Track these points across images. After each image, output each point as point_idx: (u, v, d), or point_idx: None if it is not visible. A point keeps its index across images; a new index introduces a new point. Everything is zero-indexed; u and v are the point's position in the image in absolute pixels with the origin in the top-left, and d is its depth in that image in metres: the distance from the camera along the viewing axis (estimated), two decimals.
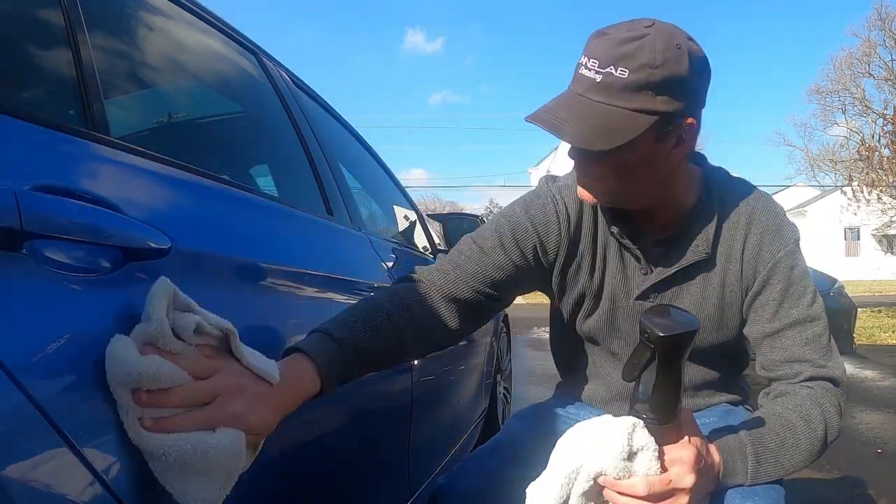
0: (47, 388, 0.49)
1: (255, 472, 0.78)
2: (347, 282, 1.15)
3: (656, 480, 0.67)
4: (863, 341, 6.59)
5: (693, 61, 0.75)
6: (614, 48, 0.73)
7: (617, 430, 0.65)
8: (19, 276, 0.50)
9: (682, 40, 0.75)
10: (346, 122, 1.88)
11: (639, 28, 0.75)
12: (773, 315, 0.85)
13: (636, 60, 0.72)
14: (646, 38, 0.73)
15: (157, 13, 0.99)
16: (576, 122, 0.75)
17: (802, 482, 2.49)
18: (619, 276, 0.90)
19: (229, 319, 0.76)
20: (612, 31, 0.76)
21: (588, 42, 0.77)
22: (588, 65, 0.75)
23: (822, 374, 0.84)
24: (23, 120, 0.58)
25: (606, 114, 0.74)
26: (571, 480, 0.67)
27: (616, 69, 0.73)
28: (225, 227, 0.83)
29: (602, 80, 0.74)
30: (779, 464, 0.79)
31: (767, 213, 0.87)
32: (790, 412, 0.81)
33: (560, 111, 0.76)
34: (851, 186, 10.52)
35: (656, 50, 0.72)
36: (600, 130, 0.74)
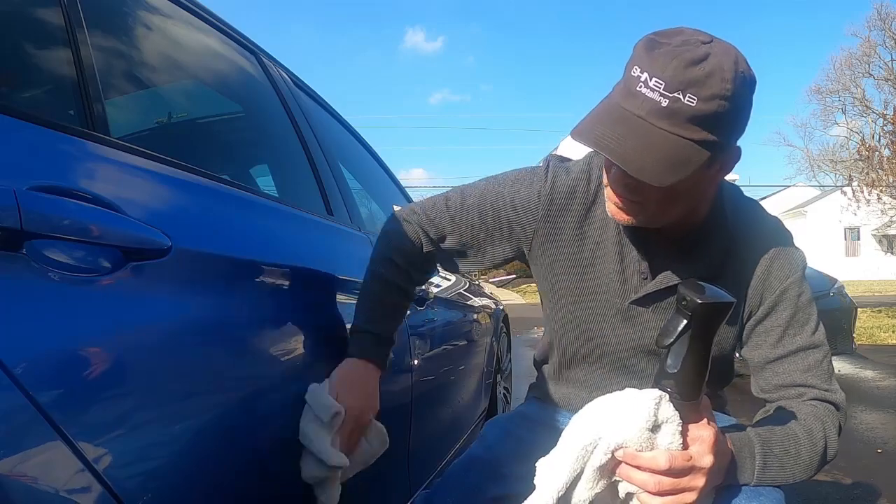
0: (47, 388, 0.49)
1: (256, 472, 0.78)
2: (347, 282, 1.15)
3: (678, 455, 0.66)
4: (863, 341, 6.58)
5: (751, 89, 0.72)
6: (682, 71, 0.67)
7: (644, 400, 0.65)
8: (19, 276, 0.51)
9: (744, 65, 0.71)
10: (346, 122, 1.88)
11: (698, 45, 0.69)
12: (778, 341, 0.84)
13: (708, 89, 0.67)
14: (713, 61, 0.68)
15: (157, 13, 0.99)
16: (641, 152, 0.69)
17: (803, 482, 2.49)
18: (616, 277, 0.87)
19: (229, 319, 0.76)
20: (669, 43, 0.69)
21: (643, 53, 0.70)
22: (651, 84, 0.68)
23: (825, 398, 0.83)
24: (23, 120, 0.58)
25: (671, 144, 0.69)
26: (588, 453, 0.65)
27: (685, 96, 0.67)
28: (225, 227, 0.83)
29: (668, 105, 0.68)
30: (782, 470, 0.79)
31: (777, 239, 0.86)
32: (794, 424, 0.80)
33: (622, 137, 0.70)
34: (851, 186, 10.52)
35: (726, 79, 0.68)
36: (666, 163, 0.69)
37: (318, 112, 1.59)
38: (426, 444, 1.55)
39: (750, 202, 0.89)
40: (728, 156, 0.75)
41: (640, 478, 0.66)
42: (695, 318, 0.63)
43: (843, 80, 22.20)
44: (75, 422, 0.51)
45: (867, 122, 19.90)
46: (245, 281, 0.82)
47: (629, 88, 0.71)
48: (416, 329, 1.42)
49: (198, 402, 0.68)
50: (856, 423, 3.41)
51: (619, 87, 0.73)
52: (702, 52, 0.68)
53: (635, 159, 0.69)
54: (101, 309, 0.58)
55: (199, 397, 0.68)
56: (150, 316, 0.64)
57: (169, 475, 0.62)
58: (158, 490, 0.60)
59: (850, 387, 4.50)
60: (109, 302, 0.58)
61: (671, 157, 0.69)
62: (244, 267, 0.83)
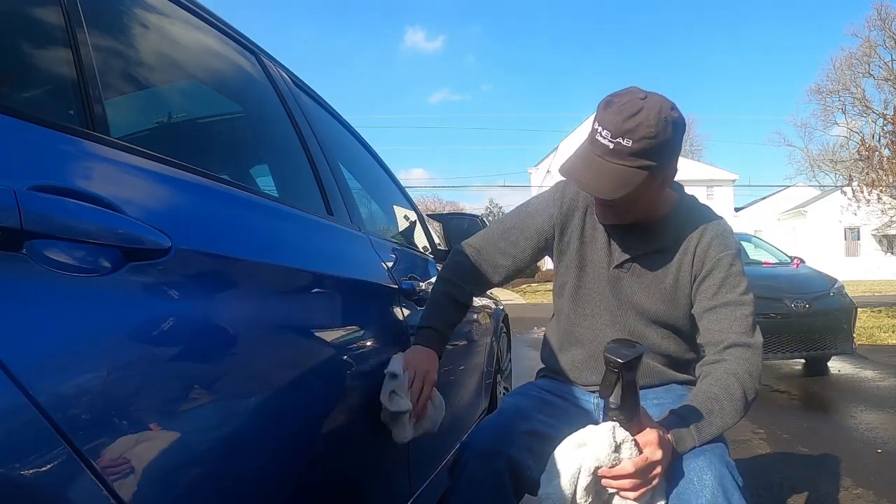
0: (47, 388, 0.49)
1: (256, 472, 0.78)
2: (347, 281, 1.15)
3: (639, 460, 0.91)
4: (863, 341, 6.58)
5: (674, 128, 1.04)
6: (621, 123, 1.02)
7: (603, 432, 0.90)
8: (19, 276, 0.51)
9: (668, 112, 1.03)
10: (346, 122, 1.88)
11: (636, 101, 1.02)
12: (713, 296, 1.15)
13: (637, 134, 1.01)
14: (643, 114, 1.01)
15: (157, 13, 0.99)
16: (597, 178, 1.06)
17: (803, 482, 2.49)
18: (605, 250, 1.23)
19: (229, 319, 0.76)
20: (616, 102, 1.03)
21: (600, 111, 1.05)
22: (602, 133, 1.04)
23: (741, 342, 1.10)
24: (23, 120, 0.58)
25: (618, 171, 1.04)
26: (575, 479, 0.90)
27: (623, 139, 1.02)
28: (225, 227, 0.83)
29: (614, 147, 1.03)
30: (714, 426, 1.03)
31: (718, 228, 1.20)
32: (712, 387, 1.06)
33: (588, 171, 1.07)
34: (851, 186, 10.51)
35: (650, 125, 1.01)
36: (614, 184, 1.05)
37: (318, 112, 1.59)
38: (426, 444, 1.55)
39: (701, 207, 1.25)
40: (666, 172, 1.10)
41: (618, 484, 0.92)
42: (621, 371, 0.86)
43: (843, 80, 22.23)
44: (75, 422, 0.51)
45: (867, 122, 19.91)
46: (245, 281, 0.82)
47: (592, 137, 1.07)
48: (416, 329, 1.42)
49: (198, 403, 0.68)
50: (856, 423, 3.41)
51: (589, 135, 1.08)
52: (636, 108, 1.02)
53: (594, 184, 1.07)
54: (101, 309, 0.58)
55: (199, 397, 0.68)
56: (149, 316, 0.64)
57: (169, 475, 0.62)
58: (158, 490, 0.60)
59: (850, 387, 4.50)
60: (109, 302, 0.58)
61: (618, 179, 1.05)
62: (244, 267, 0.83)
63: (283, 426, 0.86)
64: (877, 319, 8.51)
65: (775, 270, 5.52)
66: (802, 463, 2.75)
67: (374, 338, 1.20)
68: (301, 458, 0.91)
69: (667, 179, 1.12)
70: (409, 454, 1.35)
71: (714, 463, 0.98)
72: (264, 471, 0.80)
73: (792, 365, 5.46)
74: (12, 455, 0.46)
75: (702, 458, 0.99)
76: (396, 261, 1.49)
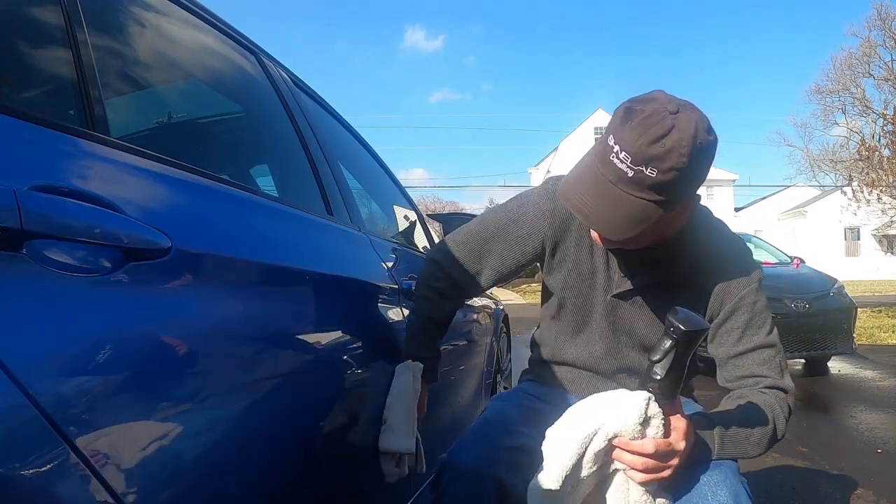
0: (48, 388, 0.49)
1: (256, 472, 0.78)
2: (347, 281, 1.15)
3: (662, 442, 0.82)
4: (863, 341, 6.58)
5: (709, 154, 0.85)
6: (646, 148, 0.81)
7: (637, 400, 0.81)
8: (19, 276, 0.51)
9: (703, 135, 0.83)
10: (346, 122, 1.88)
11: (665, 118, 0.82)
12: (738, 341, 1.01)
13: (665, 163, 0.81)
14: (675, 136, 0.81)
15: (157, 13, 0.98)
16: (610, 214, 0.87)
17: (803, 482, 2.49)
18: (604, 274, 1.09)
19: (229, 319, 0.76)
20: (639, 114, 0.83)
21: (618, 124, 0.84)
22: (621, 156, 0.83)
23: (776, 385, 0.99)
24: (23, 120, 0.58)
25: (634, 205, 0.85)
26: (589, 439, 0.81)
27: (647, 168, 0.82)
28: (225, 227, 0.83)
29: (633, 175, 0.83)
30: (736, 447, 0.95)
31: (736, 254, 1.03)
32: (749, 409, 0.96)
33: (595, 202, 0.87)
34: (851, 186, 10.51)
35: (683, 154, 0.81)
36: (627, 221, 0.86)
37: (318, 112, 1.59)
38: (426, 443, 1.55)
39: (716, 223, 1.07)
40: (687, 204, 0.92)
41: (630, 459, 0.82)
42: (679, 342, 0.78)
43: (843, 80, 22.23)
44: (75, 422, 0.51)
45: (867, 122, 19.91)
46: (245, 281, 0.82)
47: (605, 156, 0.86)
48: None
49: (198, 403, 0.68)
50: (856, 423, 3.41)
51: (599, 150, 0.88)
52: (666, 127, 0.82)
53: (605, 222, 0.88)
54: (102, 309, 0.58)
55: (199, 397, 0.68)
56: (149, 316, 0.64)
57: (169, 475, 0.62)
58: (158, 490, 0.60)
59: (850, 387, 4.50)
60: (109, 302, 0.58)
61: (632, 215, 0.86)
62: (244, 267, 0.83)
63: (284, 426, 0.86)
64: (877, 319, 8.51)
65: (775, 270, 5.52)
66: (802, 463, 2.75)
67: (374, 338, 1.20)
68: (301, 457, 0.91)
69: (689, 208, 0.95)
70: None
71: (729, 478, 0.91)
72: (264, 470, 0.80)
73: (792, 365, 5.46)
74: (12, 455, 0.46)
75: (717, 472, 0.91)
76: (396, 261, 1.49)
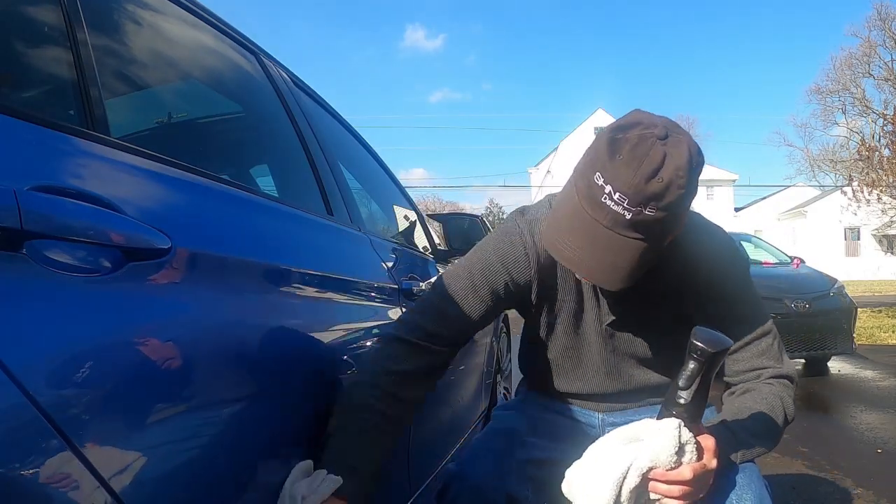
0: (48, 389, 0.49)
1: (256, 472, 0.78)
2: (347, 282, 1.15)
3: (697, 466, 0.79)
4: (863, 341, 6.58)
5: (700, 171, 0.81)
6: (644, 186, 0.75)
7: (668, 430, 0.78)
8: (19, 276, 0.51)
9: (696, 155, 0.79)
10: (346, 122, 1.88)
11: (655, 147, 0.76)
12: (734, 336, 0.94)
13: (666, 199, 0.76)
14: (670, 167, 0.76)
15: (157, 13, 0.98)
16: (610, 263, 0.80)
17: (803, 482, 2.49)
18: (592, 302, 1.02)
19: (229, 319, 0.76)
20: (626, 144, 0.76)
21: (605, 159, 0.77)
22: (615, 198, 0.76)
23: (778, 373, 0.98)
24: (23, 120, 0.58)
25: (634, 249, 0.79)
26: (623, 476, 0.78)
27: (646, 208, 0.76)
28: (225, 227, 0.83)
29: (631, 217, 0.77)
30: (755, 448, 0.93)
31: (721, 250, 0.97)
32: (759, 404, 0.94)
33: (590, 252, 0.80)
34: (851, 186, 10.51)
35: (681, 184, 0.76)
36: (631, 267, 0.81)
37: (318, 112, 1.59)
38: (426, 443, 1.55)
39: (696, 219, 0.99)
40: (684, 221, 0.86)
41: (667, 489, 0.79)
42: (706, 363, 0.76)
43: (843, 80, 22.22)
44: (75, 422, 0.51)
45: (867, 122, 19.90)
46: (245, 281, 0.82)
47: (594, 198, 0.78)
48: None
49: (198, 403, 0.68)
50: (856, 423, 3.41)
51: (585, 191, 0.80)
52: (659, 158, 0.76)
53: (604, 273, 0.81)
54: (102, 309, 0.58)
55: (199, 397, 0.68)
56: (149, 316, 0.64)
57: (168, 475, 0.62)
58: (158, 490, 0.60)
59: (850, 387, 4.50)
60: (109, 302, 0.58)
61: (634, 259, 0.80)
62: (244, 267, 0.83)
63: (283, 426, 0.86)
64: (877, 319, 8.50)
65: (775, 270, 5.52)
66: (802, 463, 2.75)
67: (374, 338, 1.20)
68: (301, 458, 0.91)
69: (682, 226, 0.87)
70: (409, 454, 1.35)
71: (754, 482, 0.89)
72: (264, 470, 0.80)
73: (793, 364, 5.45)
74: (12, 455, 0.46)
75: (741, 477, 0.89)
76: (396, 261, 1.49)
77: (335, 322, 1.06)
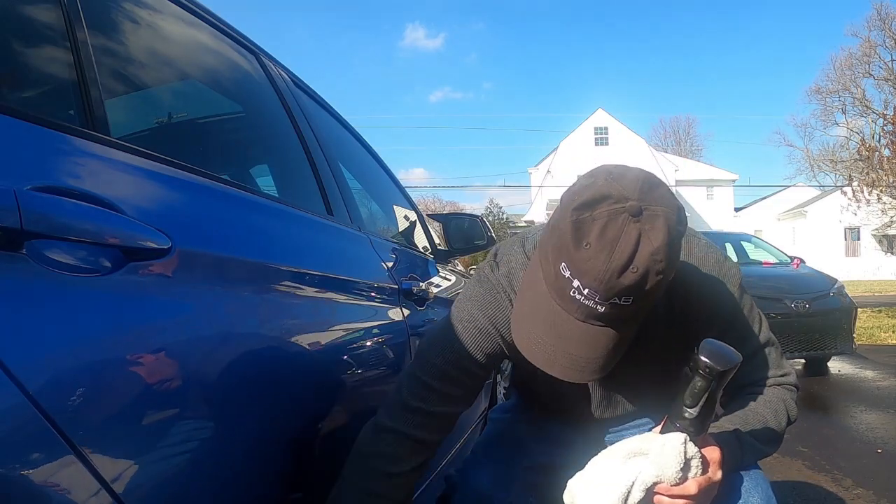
0: (48, 388, 0.49)
1: (255, 472, 0.78)
2: (347, 282, 1.15)
3: (703, 480, 0.78)
4: (863, 341, 6.58)
5: (682, 236, 0.72)
6: (615, 281, 0.67)
7: (673, 444, 0.76)
8: (19, 276, 0.51)
9: (676, 230, 0.70)
10: (346, 122, 1.88)
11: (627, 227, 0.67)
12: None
13: (643, 287, 0.68)
14: (645, 253, 0.67)
15: (157, 13, 0.98)
16: (582, 354, 0.74)
17: (803, 482, 2.49)
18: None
19: (229, 319, 0.76)
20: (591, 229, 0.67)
21: (571, 248, 0.68)
22: (585, 293, 0.69)
23: (781, 382, 0.96)
24: (23, 120, 0.58)
25: (611, 335, 0.73)
26: (627, 491, 0.76)
27: (621, 299, 0.69)
28: (225, 227, 0.83)
29: (606, 310, 0.70)
30: (762, 451, 0.91)
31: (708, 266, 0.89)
32: (763, 408, 0.92)
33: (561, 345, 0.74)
34: (851, 186, 10.52)
35: (659, 270, 0.67)
36: (608, 356, 0.74)
37: (318, 112, 1.59)
38: None
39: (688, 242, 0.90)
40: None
41: (672, 502, 0.77)
42: (715, 380, 0.73)
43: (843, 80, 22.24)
44: (75, 421, 0.51)
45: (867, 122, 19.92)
46: (245, 281, 0.82)
47: (563, 291, 0.71)
48: (416, 329, 1.42)
49: (198, 403, 0.68)
50: (856, 423, 3.41)
51: (553, 281, 0.72)
52: (631, 244, 0.66)
53: (579, 369, 0.75)
54: (102, 309, 0.58)
55: (198, 397, 0.68)
56: (150, 316, 0.64)
57: (168, 475, 0.62)
58: (158, 490, 0.60)
59: (850, 387, 4.50)
60: (110, 302, 0.58)
61: (612, 346, 0.74)
62: (244, 267, 0.83)
63: (282, 426, 0.86)
64: (877, 319, 8.50)
65: (775, 270, 5.52)
66: (802, 462, 2.75)
67: (373, 337, 1.20)
68: (300, 458, 0.91)
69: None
70: None
71: (760, 484, 0.89)
72: (263, 471, 0.80)
73: (792, 365, 5.46)
74: (12, 455, 0.46)
75: (748, 480, 0.89)
76: (396, 261, 1.49)
77: (335, 322, 1.06)
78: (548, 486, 0.93)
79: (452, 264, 2.46)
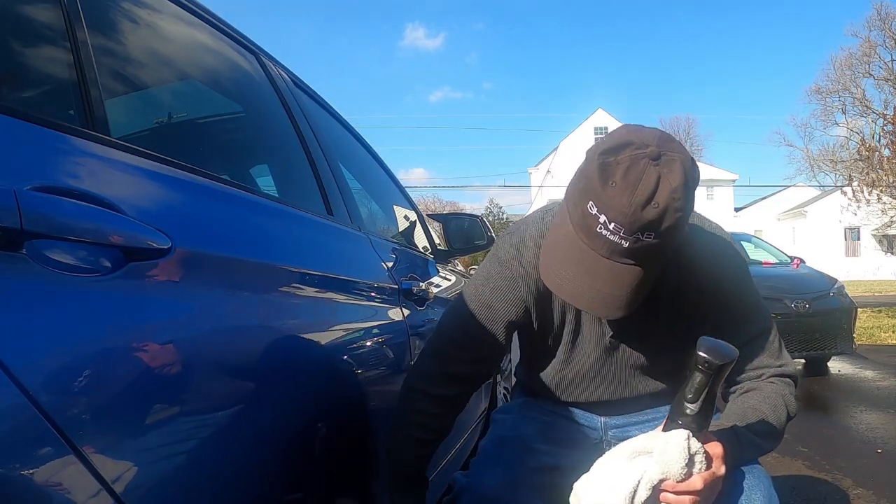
0: (48, 388, 0.49)
1: (255, 472, 0.78)
2: (347, 282, 1.15)
3: (707, 475, 0.80)
4: (863, 341, 6.58)
5: (697, 185, 0.78)
6: (639, 214, 0.73)
7: (677, 441, 0.78)
8: (19, 276, 0.51)
9: (690, 171, 0.76)
10: (346, 122, 1.88)
11: (648, 169, 0.74)
12: (734, 335, 0.92)
13: (664, 223, 0.74)
14: (665, 190, 0.73)
15: (157, 13, 0.98)
16: (610, 293, 0.79)
17: (803, 482, 2.49)
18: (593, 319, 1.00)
19: (230, 319, 0.76)
20: (617, 169, 0.74)
21: (596, 187, 0.75)
22: (611, 227, 0.75)
23: (780, 372, 0.97)
24: (23, 120, 0.58)
25: (635, 274, 0.78)
26: (634, 489, 0.78)
27: (644, 235, 0.75)
28: (225, 227, 0.83)
29: (629, 245, 0.75)
30: (763, 448, 0.93)
31: (717, 252, 0.95)
32: (763, 404, 0.94)
33: (589, 284, 0.79)
34: (851, 186, 10.52)
35: (678, 208, 0.74)
36: (632, 292, 0.79)
37: (318, 112, 1.59)
38: None
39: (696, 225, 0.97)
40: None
41: (679, 500, 0.80)
42: (714, 375, 0.76)
43: (843, 80, 22.25)
44: (75, 421, 0.51)
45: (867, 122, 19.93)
46: (245, 281, 0.82)
47: (590, 228, 0.77)
48: (416, 329, 1.42)
49: (198, 403, 0.68)
50: (856, 423, 3.41)
51: (580, 220, 0.78)
52: (653, 181, 0.73)
53: (604, 303, 0.80)
54: (102, 309, 0.58)
55: (198, 397, 0.68)
56: (150, 316, 0.64)
57: (168, 475, 0.62)
58: (158, 490, 0.60)
59: (850, 387, 4.50)
60: (110, 302, 0.58)
61: (632, 286, 0.79)
62: (244, 267, 0.83)
63: (283, 426, 0.86)
64: (877, 319, 8.50)
65: (775, 270, 5.52)
66: (802, 462, 2.75)
67: (374, 337, 1.20)
68: (300, 458, 0.91)
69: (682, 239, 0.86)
70: None
71: (762, 482, 0.90)
72: (263, 471, 0.80)
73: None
74: (12, 455, 0.46)
75: (750, 478, 0.90)
76: (396, 261, 1.49)
77: (335, 322, 1.06)
78: (554, 488, 0.94)
79: (452, 264, 2.46)
